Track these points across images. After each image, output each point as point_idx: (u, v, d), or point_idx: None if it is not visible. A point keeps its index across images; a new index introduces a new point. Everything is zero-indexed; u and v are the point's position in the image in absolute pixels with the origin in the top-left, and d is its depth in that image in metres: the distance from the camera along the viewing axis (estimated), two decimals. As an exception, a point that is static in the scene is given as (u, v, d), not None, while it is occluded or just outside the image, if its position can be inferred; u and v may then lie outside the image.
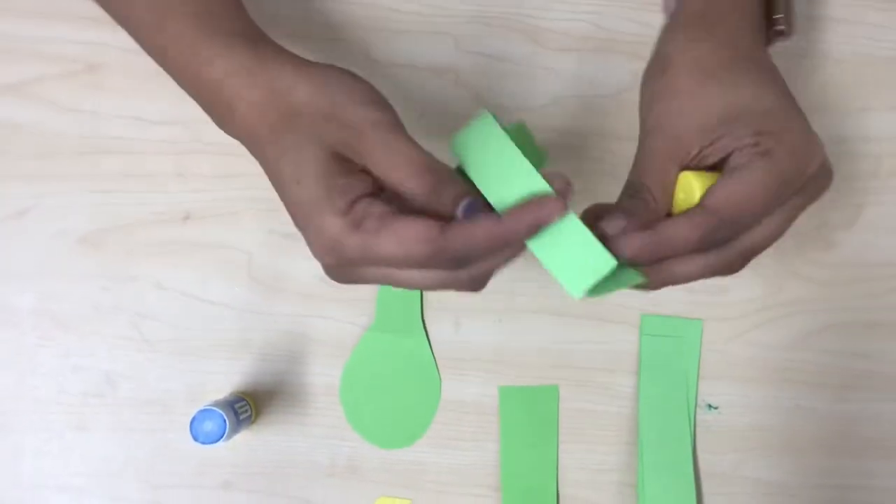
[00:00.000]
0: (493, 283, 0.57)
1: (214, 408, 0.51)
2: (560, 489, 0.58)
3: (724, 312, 0.58)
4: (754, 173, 0.41)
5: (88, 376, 0.57)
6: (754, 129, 0.42)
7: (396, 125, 0.41)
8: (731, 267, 0.44)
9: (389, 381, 0.58)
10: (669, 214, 0.43)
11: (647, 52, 0.58)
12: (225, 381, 0.57)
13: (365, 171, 0.41)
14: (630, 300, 0.58)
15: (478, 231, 0.38)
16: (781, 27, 0.48)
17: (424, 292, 0.58)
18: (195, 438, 0.51)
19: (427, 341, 0.58)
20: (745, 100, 0.43)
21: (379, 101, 0.42)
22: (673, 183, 0.43)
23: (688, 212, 0.41)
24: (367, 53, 0.57)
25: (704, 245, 0.41)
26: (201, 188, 0.57)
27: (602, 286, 0.40)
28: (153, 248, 0.57)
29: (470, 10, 0.57)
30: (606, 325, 0.58)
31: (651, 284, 0.43)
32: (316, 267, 0.57)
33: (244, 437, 0.57)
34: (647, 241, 0.41)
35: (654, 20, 0.58)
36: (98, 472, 0.57)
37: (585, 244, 0.40)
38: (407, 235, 0.38)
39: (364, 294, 0.57)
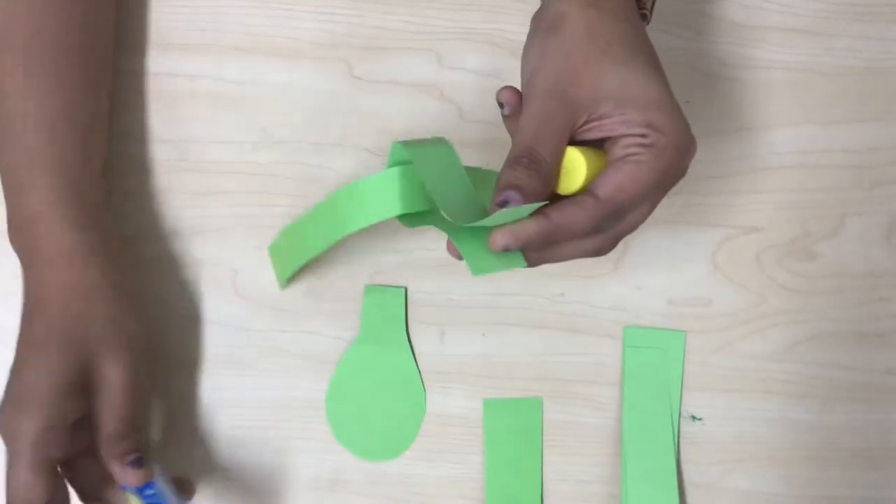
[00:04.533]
0: (477, 297, 0.58)
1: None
2: (544, 500, 0.58)
3: (708, 324, 0.59)
4: (643, 166, 0.42)
5: (77, 392, 0.57)
6: (645, 118, 0.43)
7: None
8: (602, 250, 0.45)
9: (375, 394, 0.58)
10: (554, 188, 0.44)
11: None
12: (212, 397, 0.58)
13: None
14: (613, 313, 0.59)
15: None
16: (645, 11, 0.49)
17: (410, 307, 0.58)
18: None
19: (412, 355, 0.58)
20: (637, 84, 0.43)
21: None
22: (563, 154, 0.43)
23: (579, 199, 0.43)
24: (351, 71, 0.58)
25: (592, 233, 0.43)
26: (187, 205, 0.58)
27: (490, 265, 0.43)
28: (139, 265, 0.57)
29: (452, 26, 0.58)
30: (589, 338, 0.59)
31: (530, 264, 0.44)
32: (301, 282, 0.58)
33: (230, 450, 0.58)
34: (543, 229, 0.42)
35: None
36: (86, 488, 0.57)
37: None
38: None
39: (349, 308, 0.58)
